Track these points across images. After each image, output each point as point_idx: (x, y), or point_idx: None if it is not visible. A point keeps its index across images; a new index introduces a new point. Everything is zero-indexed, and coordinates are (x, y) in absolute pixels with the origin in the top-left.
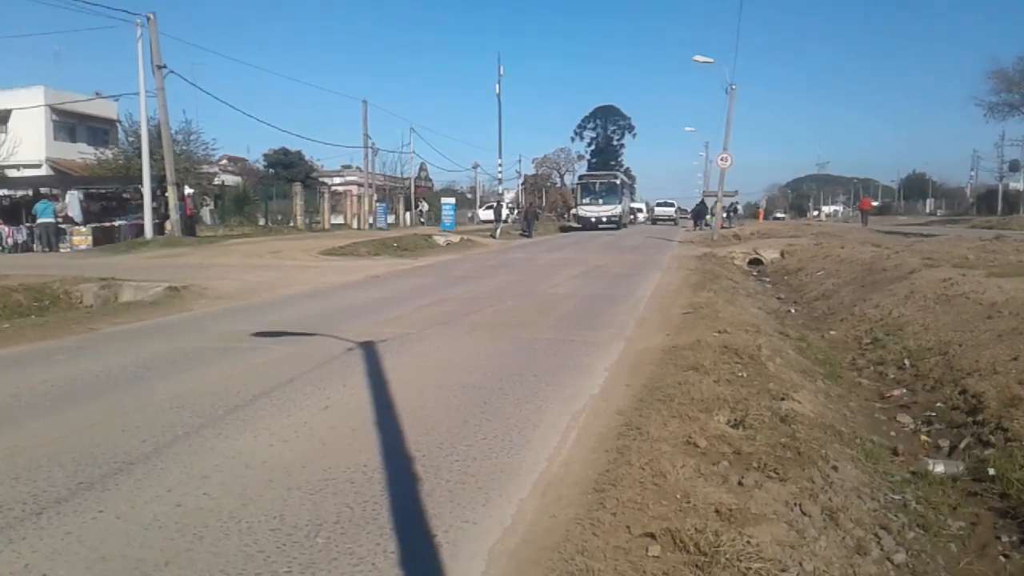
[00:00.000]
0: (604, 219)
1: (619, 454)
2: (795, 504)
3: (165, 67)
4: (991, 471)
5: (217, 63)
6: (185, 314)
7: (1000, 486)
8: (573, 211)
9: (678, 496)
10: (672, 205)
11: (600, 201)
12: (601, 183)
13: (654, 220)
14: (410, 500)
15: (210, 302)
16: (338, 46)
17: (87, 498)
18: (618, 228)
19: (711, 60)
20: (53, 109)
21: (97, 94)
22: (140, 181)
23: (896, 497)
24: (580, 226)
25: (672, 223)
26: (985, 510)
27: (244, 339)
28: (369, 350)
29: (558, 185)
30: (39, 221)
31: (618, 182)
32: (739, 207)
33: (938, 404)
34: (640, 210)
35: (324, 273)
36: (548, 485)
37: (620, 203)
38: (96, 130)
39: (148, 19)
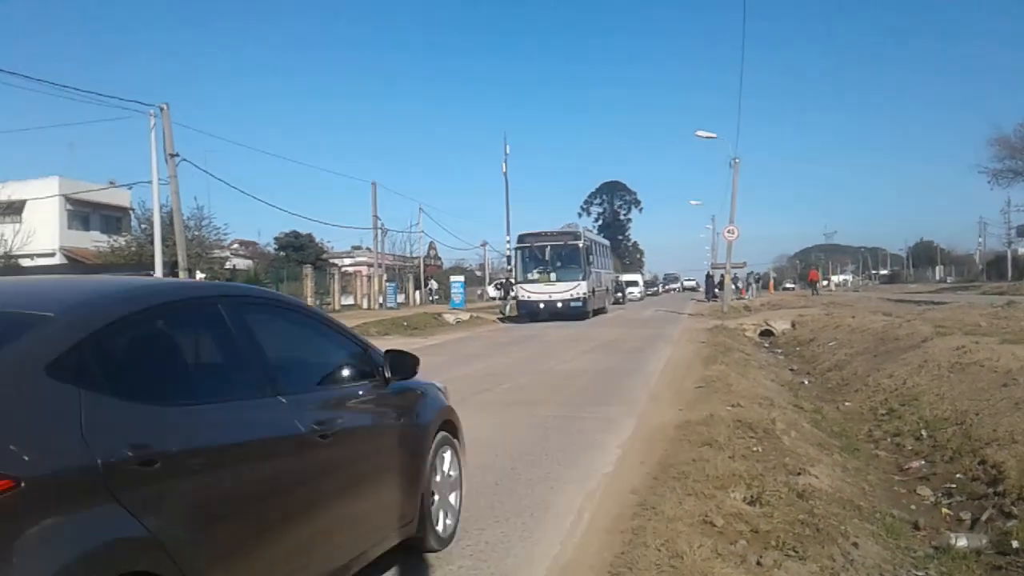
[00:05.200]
0: (558, 303)
1: (634, 535)
2: None
3: (178, 155)
4: (1015, 543)
5: (228, 149)
6: None
7: None
8: (512, 292)
9: None
10: (694, 280)
11: (552, 276)
12: (554, 247)
13: (684, 289)
14: None
15: None
16: (346, 127)
17: None
18: (582, 317)
19: (713, 135)
20: (67, 198)
21: (111, 183)
22: (152, 267)
23: (919, 574)
24: (523, 314)
25: (695, 290)
26: None
27: None
28: None
29: None
30: None
31: (580, 245)
32: (760, 277)
33: (958, 475)
34: (635, 283)
35: None
36: (563, 569)
37: (584, 278)
38: (109, 218)
39: (161, 109)
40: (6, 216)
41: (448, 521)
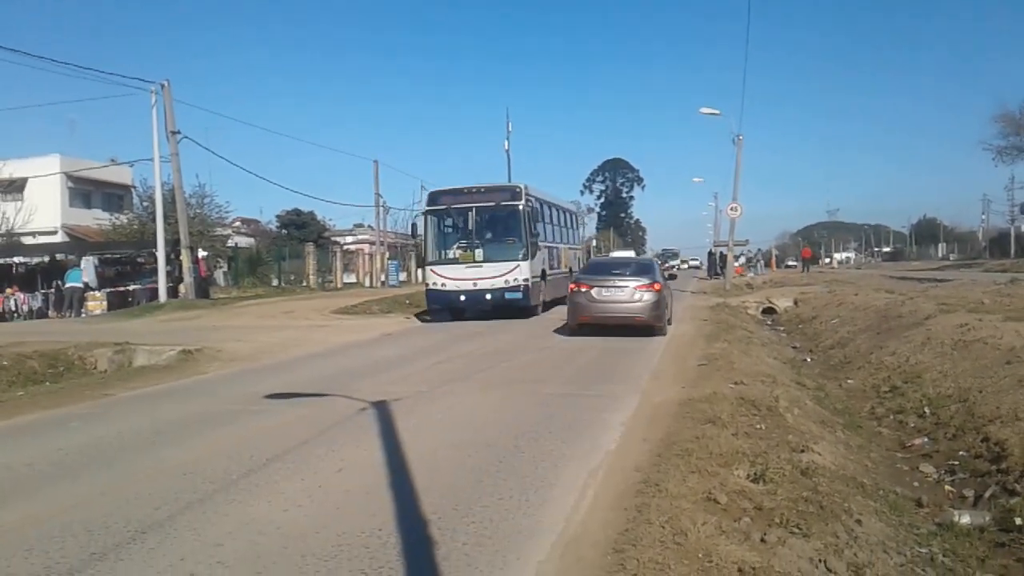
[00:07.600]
0: (486, 294)
1: (638, 512)
2: (820, 561)
3: (179, 133)
4: (1018, 520)
5: (230, 126)
6: (199, 377)
7: None
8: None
9: (700, 555)
10: (697, 259)
11: (478, 253)
12: (481, 210)
13: (687, 266)
14: (426, 565)
15: (224, 364)
16: (348, 104)
17: (100, 569)
18: (525, 313)
19: (717, 112)
20: (69, 176)
21: (112, 160)
22: (154, 245)
23: (923, 550)
24: (436, 308)
25: (699, 269)
26: (1014, 561)
27: (257, 401)
28: (382, 410)
29: None
30: (67, 285)
31: (521, 207)
32: (762, 256)
33: (961, 453)
34: None
35: (337, 332)
36: (567, 546)
37: (527, 256)
38: (111, 196)
39: (162, 87)
40: (8, 194)
41: (670, 325)
